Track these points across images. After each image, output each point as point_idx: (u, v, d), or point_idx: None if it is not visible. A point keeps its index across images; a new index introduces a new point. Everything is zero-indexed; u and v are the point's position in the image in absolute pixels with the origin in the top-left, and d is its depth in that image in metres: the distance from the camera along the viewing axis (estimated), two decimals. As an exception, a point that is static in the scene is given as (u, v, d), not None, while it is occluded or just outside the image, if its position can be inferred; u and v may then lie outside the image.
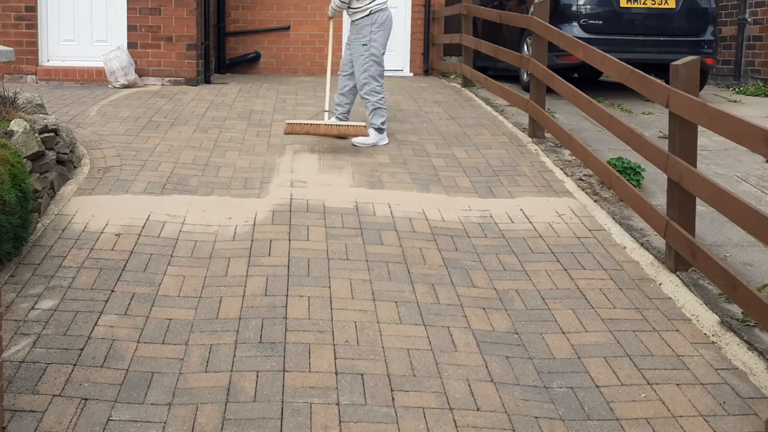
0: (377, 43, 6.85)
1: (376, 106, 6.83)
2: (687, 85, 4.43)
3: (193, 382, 3.42)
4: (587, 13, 8.82)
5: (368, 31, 6.82)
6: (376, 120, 6.85)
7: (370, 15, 6.83)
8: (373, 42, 6.82)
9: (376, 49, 6.85)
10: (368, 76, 6.84)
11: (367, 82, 6.85)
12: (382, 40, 6.90)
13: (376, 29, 6.83)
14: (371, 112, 6.86)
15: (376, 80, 6.86)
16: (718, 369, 3.63)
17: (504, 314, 4.09)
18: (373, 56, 6.83)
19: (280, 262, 4.56)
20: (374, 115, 6.85)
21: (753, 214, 3.65)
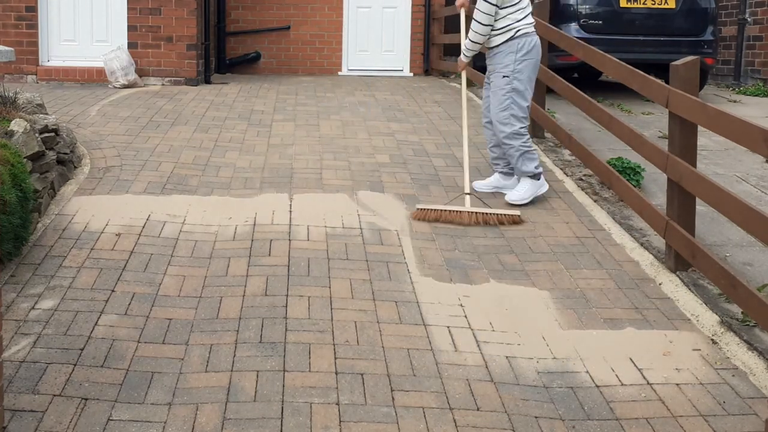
0: (523, 75, 5.53)
1: (521, 150, 5.53)
2: (687, 85, 4.43)
3: (194, 382, 3.42)
4: (587, 13, 8.82)
5: (512, 60, 5.50)
6: (528, 166, 5.53)
7: (514, 39, 5.51)
8: (517, 74, 5.51)
9: (520, 83, 5.53)
10: (509, 116, 5.53)
11: (509, 123, 5.54)
12: (528, 72, 5.57)
13: (521, 57, 5.51)
14: (518, 159, 5.54)
15: (519, 121, 5.56)
16: (718, 369, 3.63)
17: (503, 314, 4.09)
18: (515, 91, 5.52)
19: (281, 262, 4.56)
20: (522, 161, 5.53)
21: (753, 214, 3.65)
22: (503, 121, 5.54)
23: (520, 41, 5.49)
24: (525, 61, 5.51)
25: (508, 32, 5.48)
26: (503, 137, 5.55)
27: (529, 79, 5.57)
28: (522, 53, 5.49)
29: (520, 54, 5.48)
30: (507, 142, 5.54)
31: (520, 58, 5.49)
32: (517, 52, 5.48)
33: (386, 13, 11.62)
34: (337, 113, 8.18)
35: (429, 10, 11.57)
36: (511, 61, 5.48)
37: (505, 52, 5.51)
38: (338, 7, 11.53)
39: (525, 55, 5.50)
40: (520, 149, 5.51)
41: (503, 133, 5.54)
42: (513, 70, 5.49)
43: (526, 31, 5.52)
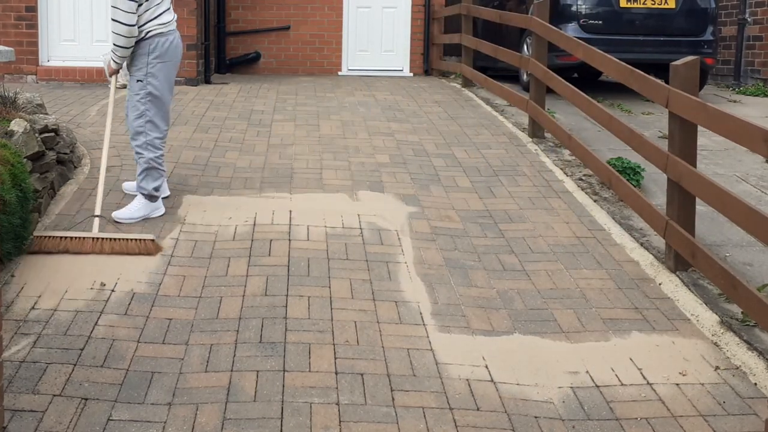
0: (157, 80, 5.02)
1: (150, 165, 5.02)
2: (687, 85, 4.43)
3: (194, 382, 3.42)
4: (587, 13, 8.82)
5: (144, 62, 4.99)
6: (148, 184, 5.01)
7: (148, 39, 4.98)
8: (150, 77, 5.00)
9: (155, 88, 5.01)
10: (144, 123, 5.02)
11: (143, 132, 5.03)
12: (164, 75, 5.06)
13: (154, 60, 5.00)
14: (143, 172, 5.02)
15: (157, 129, 5.06)
16: (718, 369, 3.63)
17: (504, 314, 4.09)
18: (150, 96, 5.01)
19: (280, 262, 4.56)
20: (146, 177, 5.02)
21: (753, 214, 3.65)
22: (138, 128, 5.05)
23: (153, 42, 4.99)
24: (159, 63, 5.02)
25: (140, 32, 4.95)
26: (136, 145, 5.07)
27: (165, 82, 5.08)
28: (154, 55, 5.00)
29: (153, 56, 4.99)
30: (139, 150, 5.05)
31: (153, 60, 5.00)
32: (149, 54, 4.99)
33: (386, 13, 11.62)
34: (337, 113, 8.18)
35: (429, 10, 11.58)
36: (143, 63, 5.00)
37: (138, 54, 5.01)
38: (338, 7, 11.54)
39: (158, 58, 5.01)
40: (150, 163, 5.04)
41: (137, 140, 5.06)
42: (146, 74, 5.00)
43: (161, 31, 5.00)
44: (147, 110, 5.02)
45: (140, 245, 4.55)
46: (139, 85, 5.01)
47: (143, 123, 5.02)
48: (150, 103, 5.02)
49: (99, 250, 4.51)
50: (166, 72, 5.05)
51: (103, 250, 4.51)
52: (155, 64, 4.99)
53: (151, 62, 4.98)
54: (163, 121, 5.10)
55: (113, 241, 4.55)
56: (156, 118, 5.05)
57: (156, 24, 4.97)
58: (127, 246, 4.54)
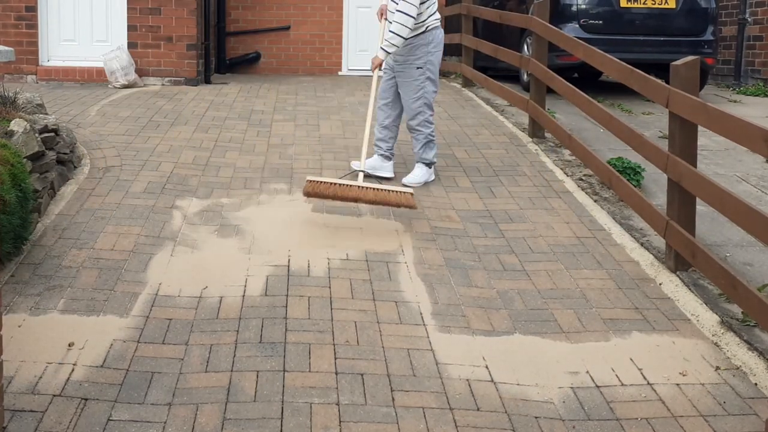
0: (434, 66, 5.87)
1: (429, 138, 5.90)
2: (687, 85, 4.43)
3: (194, 382, 3.42)
4: (587, 13, 8.82)
5: (424, 52, 5.79)
6: (429, 154, 5.94)
7: (426, 33, 5.80)
8: (429, 65, 5.82)
9: (432, 73, 5.86)
10: (423, 104, 5.85)
11: (421, 111, 5.85)
12: (438, 62, 5.93)
13: (433, 49, 5.83)
14: (423, 146, 5.91)
15: (431, 108, 5.92)
16: (718, 369, 3.63)
17: (504, 314, 4.09)
18: (429, 81, 5.85)
19: (281, 263, 4.55)
20: (425, 149, 5.92)
21: (753, 214, 3.65)
22: (418, 109, 5.84)
23: (430, 35, 5.81)
24: (437, 52, 5.86)
25: (420, 27, 5.76)
26: (415, 124, 5.86)
27: (438, 69, 5.93)
28: (433, 45, 5.82)
29: (432, 45, 5.82)
30: (418, 128, 5.86)
31: (433, 50, 5.82)
32: (429, 44, 5.81)
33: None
34: (337, 113, 8.18)
35: (429, 10, 11.55)
36: (423, 53, 5.79)
37: (417, 45, 5.78)
38: (338, 7, 11.53)
39: (435, 47, 5.84)
40: (429, 137, 5.87)
41: (416, 119, 5.85)
42: (426, 62, 5.80)
43: (436, 26, 5.85)
44: (425, 93, 5.84)
45: (400, 197, 5.03)
46: (420, 71, 5.80)
47: (422, 104, 5.84)
48: (428, 85, 5.84)
49: (364, 196, 5.02)
50: (438, 58, 5.91)
51: (367, 196, 5.02)
52: (433, 52, 5.83)
53: (431, 51, 5.81)
54: (433, 102, 5.96)
55: (377, 191, 5.04)
56: (431, 99, 5.90)
57: (434, 19, 5.83)
58: (388, 196, 5.04)
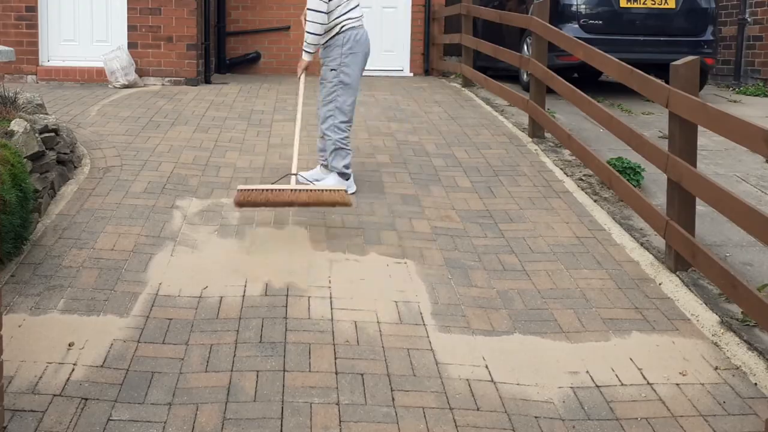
0: (350, 70, 5.54)
1: (338, 145, 5.55)
2: (687, 85, 4.43)
3: (194, 382, 3.42)
4: (587, 13, 8.82)
5: (338, 53, 5.51)
6: (338, 162, 5.56)
7: (341, 34, 5.52)
8: (344, 67, 5.52)
9: (347, 76, 5.53)
10: (334, 108, 5.55)
11: (332, 115, 5.56)
12: (355, 66, 5.57)
13: (347, 51, 5.52)
14: (332, 153, 5.57)
15: (344, 114, 5.55)
16: (718, 369, 3.63)
17: (504, 314, 4.09)
18: (341, 84, 5.53)
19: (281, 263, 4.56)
20: (335, 157, 5.56)
21: (753, 214, 3.65)
22: (328, 113, 5.58)
23: (346, 35, 5.52)
24: (351, 54, 5.53)
25: (333, 27, 5.51)
26: (325, 128, 5.60)
27: (356, 72, 5.57)
28: (348, 46, 5.51)
29: (346, 47, 5.51)
30: (327, 133, 5.59)
31: (347, 51, 5.51)
32: (343, 45, 5.51)
33: (386, 13, 11.62)
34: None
35: (429, 10, 11.57)
36: (337, 54, 5.52)
37: (332, 46, 5.55)
38: (338, 7, 11.52)
39: (350, 49, 5.52)
40: (337, 143, 5.55)
41: (326, 123, 5.60)
42: (340, 63, 5.51)
43: (353, 25, 5.55)
44: (338, 96, 5.53)
45: (334, 195, 4.91)
46: (333, 73, 5.53)
47: (332, 108, 5.54)
48: (341, 90, 5.53)
49: (297, 199, 4.88)
50: (356, 63, 5.56)
51: (300, 199, 4.88)
52: (348, 54, 5.51)
53: (345, 53, 5.50)
54: (349, 108, 5.58)
55: (310, 192, 4.92)
56: (344, 105, 5.54)
57: (349, 18, 5.52)
58: (322, 196, 4.91)
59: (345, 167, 5.57)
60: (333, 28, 5.50)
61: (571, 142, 6.19)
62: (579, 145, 6.05)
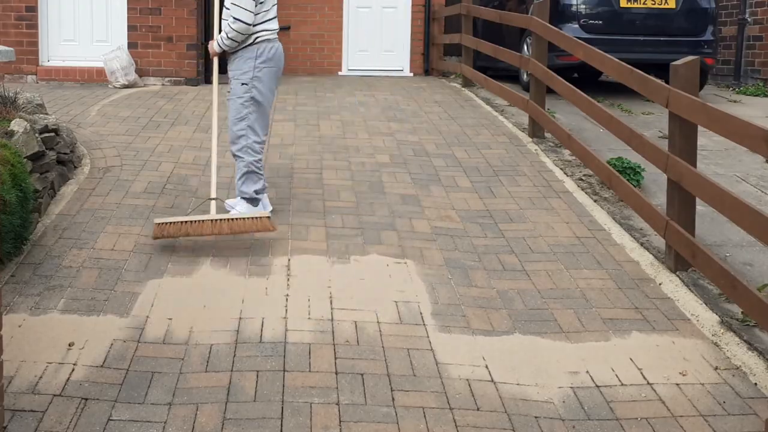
0: (263, 86, 5.04)
1: (250, 168, 5.03)
2: (687, 85, 4.43)
3: (194, 382, 3.42)
4: (587, 13, 8.82)
5: (250, 67, 4.99)
6: (249, 186, 5.05)
7: (254, 45, 5.01)
8: (256, 82, 5.01)
9: (261, 94, 5.03)
10: (246, 128, 5.02)
11: (244, 135, 5.03)
12: (269, 83, 5.07)
13: (261, 65, 5.01)
14: (243, 176, 5.05)
15: (256, 134, 5.05)
16: (718, 369, 3.63)
17: (504, 314, 4.09)
18: (253, 101, 5.01)
19: (281, 263, 4.56)
20: (246, 181, 5.05)
21: (753, 214, 3.65)
22: (239, 132, 5.05)
23: (259, 47, 5.01)
24: (265, 68, 5.03)
25: (248, 38, 4.99)
26: (236, 149, 5.07)
27: (269, 88, 5.08)
28: (261, 59, 5.01)
29: (260, 60, 5.01)
30: (238, 154, 5.06)
31: (260, 65, 5.01)
32: (256, 58, 5.00)
33: (386, 13, 11.62)
34: (337, 113, 8.18)
35: (429, 10, 11.57)
36: (249, 67, 5.00)
37: (244, 57, 5.03)
38: (338, 7, 11.53)
39: (264, 62, 5.02)
40: (249, 166, 5.03)
41: (237, 144, 5.05)
42: (252, 77, 5.00)
43: (267, 38, 5.04)
44: (249, 113, 5.02)
45: (257, 223, 4.71)
46: (244, 88, 5.01)
47: (244, 127, 5.02)
48: (253, 107, 5.02)
49: (218, 231, 4.67)
50: (270, 77, 5.07)
51: (222, 230, 4.67)
52: (262, 68, 5.01)
53: (258, 66, 5.00)
54: (262, 127, 5.09)
55: (231, 222, 4.70)
56: (256, 124, 5.04)
57: (266, 29, 5.02)
58: (245, 225, 4.70)
59: (256, 192, 5.06)
60: (247, 38, 4.99)
61: (571, 142, 6.19)
62: (579, 145, 6.05)
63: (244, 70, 5.01)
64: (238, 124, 5.04)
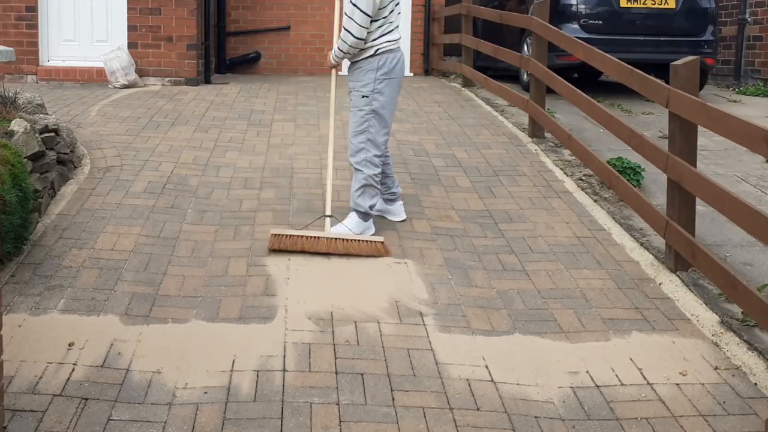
0: (384, 99, 4.92)
1: (368, 182, 4.91)
2: (687, 85, 4.43)
3: (194, 382, 3.42)
4: (587, 13, 8.82)
5: (371, 79, 4.89)
6: (365, 201, 4.92)
7: (376, 56, 4.89)
8: (377, 95, 4.89)
9: (382, 107, 4.91)
10: (366, 141, 4.92)
11: (364, 148, 4.92)
12: (390, 95, 4.95)
13: (382, 77, 4.89)
14: (360, 190, 4.92)
15: (377, 148, 4.94)
16: (718, 369, 3.63)
17: (504, 314, 4.09)
18: (374, 113, 4.91)
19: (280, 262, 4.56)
20: (362, 194, 4.92)
21: (753, 214, 3.65)
22: (360, 145, 4.93)
23: (381, 58, 4.87)
24: (386, 80, 4.89)
25: (368, 48, 4.86)
26: (355, 161, 4.94)
27: (390, 101, 4.95)
28: (383, 71, 4.88)
29: (381, 72, 4.87)
30: (358, 167, 4.92)
31: (381, 77, 4.88)
32: (378, 70, 4.87)
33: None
34: (338, 113, 8.16)
35: (429, 10, 11.57)
36: (371, 79, 4.88)
37: (365, 69, 4.90)
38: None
39: (386, 74, 4.89)
40: (367, 180, 4.90)
41: (356, 157, 4.93)
42: (373, 90, 4.88)
43: (389, 48, 4.89)
44: (370, 126, 4.91)
45: (371, 247, 4.67)
46: (365, 101, 4.91)
47: (364, 140, 4.92)
48: (374, 119, 4.91)
49: (333, 249, 4.64)
50: (391, 89, 4.95)
51: (336, 249, 4.64)
52: (383, 80, 4.89)
53: (379, 78, 4.88)
54: (383, 140, 4.97)
55: (347, 242, 4.67)
56: (377, 137, 4.92)
57: (388, 40, 4.89)
58: (359, 247, 4.66)
59: (370, 207, 4.95)
60: (366, 49, 4.87)
61: (571, 142, 6.19)
62: (579, 145, 6.05)
63: (364, 82, 4.90)
64: (359, 137, 4.94)
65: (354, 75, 4.98)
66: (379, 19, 4.82)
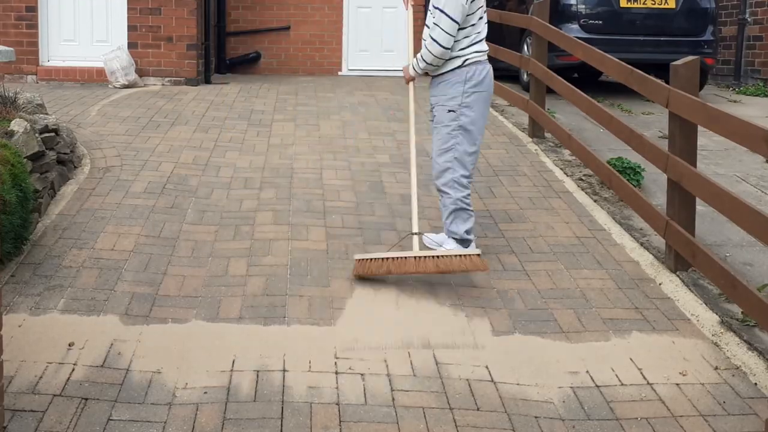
0: (473, 113, 4.54)
1: (458, 205, 4.55)
2: (687, 85, 4.43)
3: (194, 382, 3.42)
4: (587, 13, 8.83)
5: (459, 92, 4.52)
6: (459, 227, 4.57)
7: (463, 68, 4.54)
8: (465, 109, 4.52)
9: (471, 122, 4.54)
10: (452, 160, 4.54)
11: (450, 168, 4.54)
12: (479, 109, 4.56)
13: (470, 89, 4.52)
14: (451, 215, 4.58)
15: (464, 167, 4.56)
16: (718, 369, 3.63)
17: (504, 313, 4.09)
18: (461, 130, 4.53)
19: (281, 262, 4.56)
20: (454, 219, 4.58)
21: (753, 214, 3.65)
22: (445, 164, 4.56)
23: (468, 70, 4.52)
24: (474, 93, 4.53)
25: (455, 60, 4.52)
26: (441, 183, 4.59)
27: (480, 116, 4.58)
28: (471, 84, 4.52)
29: (469, 85, 4.52)
30: (444, 189, 4.58)
31: (470, 90, 4.52)
32: (465, 83, 4.51)
33: (386, 13, 11.61)
34: (337, 113, 8.18)
35: (429, 10, 11.56)
36: (458, 92, 4.52)
37: (450, 82, 4.55)
38: (338, 7, 11.53)
39: (474, 87, 4.53)
40: (457, 203, 4.55)
41: (442, 178, 4.58)
42: (461, 104, 4.51)
43: (477, 59, 4.55)
44: (457, 144, 4.51)
45: (465, 261, 4.26)
46: (451, 116, 4.51)
47: (450, 159, 4.53)
48: (461, 137, 4.52)
49: (423, 269, 4.25)
50: (480, 103, 4.57)
51: (427, 268, 4.25)
52: (471, 93, 4.52)
53: (467, 91, 4.51)
54: (471, 159, 4.57)
55: (437, 259, 4.25)
56: (465, 156, 4.54)
57: (475, 51, 4.55)
58: (452, 263, 4.25)
59: (467, 232, 4.56)
60: (453, 60, 4.51)
61: (571, 142, 6.19)
62: (579, 145, 6.05)
63: (451, 96, 4.52)
64: (444, 156, 4.54)
65: (438, 88, 4.61)
66: (467, 27, 4.50)
